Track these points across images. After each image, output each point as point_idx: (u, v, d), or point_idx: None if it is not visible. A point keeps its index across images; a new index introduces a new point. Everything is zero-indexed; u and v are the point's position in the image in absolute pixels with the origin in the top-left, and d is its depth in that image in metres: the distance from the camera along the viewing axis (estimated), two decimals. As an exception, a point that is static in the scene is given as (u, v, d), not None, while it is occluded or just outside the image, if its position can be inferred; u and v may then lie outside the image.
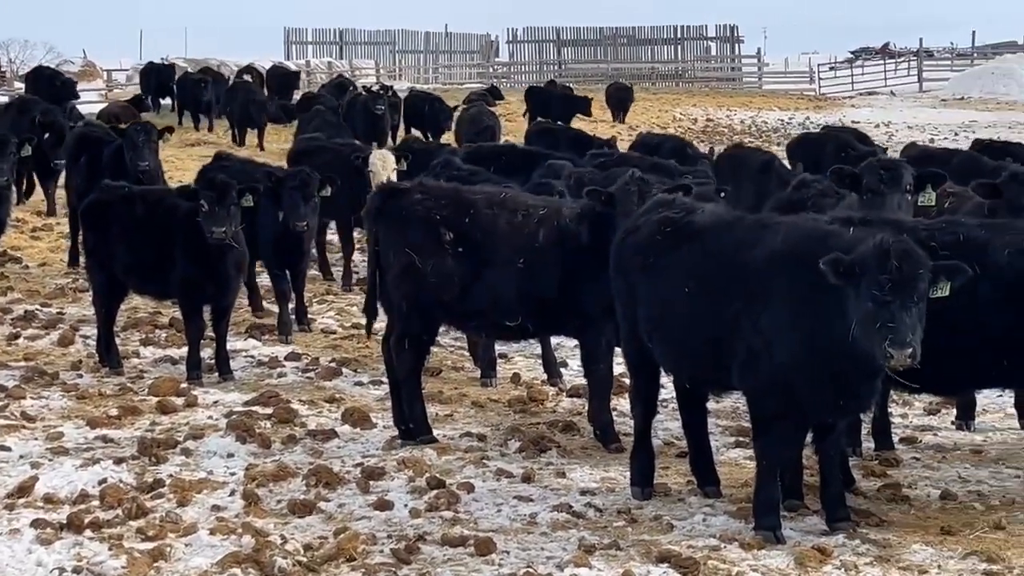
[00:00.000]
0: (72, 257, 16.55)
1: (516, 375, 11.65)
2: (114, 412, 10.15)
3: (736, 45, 74.81)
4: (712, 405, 10.21)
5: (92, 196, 12.19)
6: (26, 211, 20.58)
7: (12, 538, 7.43)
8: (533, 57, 75.37)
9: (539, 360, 11.75)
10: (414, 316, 9.37)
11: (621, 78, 49.53)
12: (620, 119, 41.55)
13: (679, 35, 74.77)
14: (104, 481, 8.38)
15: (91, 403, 10.56)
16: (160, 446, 9.14)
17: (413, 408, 9.49)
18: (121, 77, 53.60)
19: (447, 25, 76.92)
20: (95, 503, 8.05)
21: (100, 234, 11.77)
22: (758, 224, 7.85)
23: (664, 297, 7.91)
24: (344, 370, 11.71)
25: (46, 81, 33.72)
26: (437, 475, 8.50)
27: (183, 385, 10.97)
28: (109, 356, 11.74)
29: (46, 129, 18.92)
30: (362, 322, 13.61)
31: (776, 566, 7.06)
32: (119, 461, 8.83)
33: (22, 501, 8.08)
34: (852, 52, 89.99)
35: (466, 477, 8.58)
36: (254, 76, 41.38)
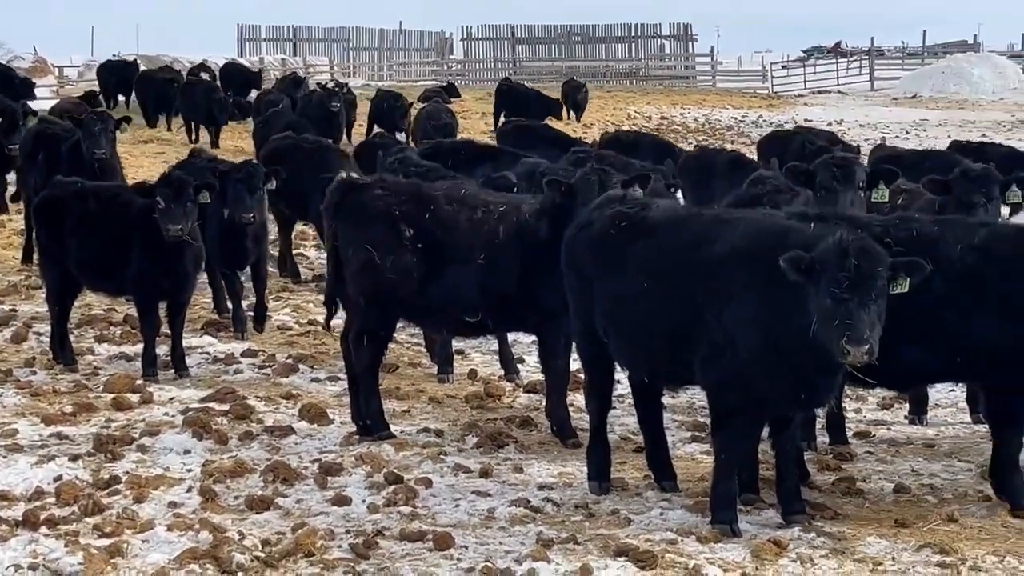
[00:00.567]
0: (26, 254, 16.43)
1: (473, 371, 11.67)
2: (69, 409, 10.09)
3: (690, 44, 75.22)
4: (669, 400, 10.28)
5: (45, 192, 12.12)
6: (-24, 209, 20.41)
7: (-33, 535, 7.39)
8: (488, 55, 75.43)
9: (496, 356, 11.77)
10: (372, 312, 9.37)
11: (576, 76, 49.58)
12: (577, 118, 41.65)
13: (633, 33, 75.08)
14: (60, 478, 8.34)
15: (45, 400, 10.50)
16: (116, 443, 9.10)
17: (370, 404, 9.49)
18: (72, 73, 53.20)
19: (401, 22, 77.03)
20: (51, 500, 8.00)
21: (53, 230, 11.68)
22: (715, 219, 7.89)
23: (621, 292, 7.92)
24: (301, 366, 11.69)
25: (2, 79, 33.31)
26: (395, 471, 8.51)
27: (139, 382, 10.91)
28: (63, 353, 11.66)
29: None
30: (319, 319, 13.66)
31: (733, 559, 7.11)
32: (75, 458, 8.79)
33: (-23, 499, 8.03)
34: (804, 51, 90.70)
35: (424, 472, 8.59)
36: (209, 74, 41.10)
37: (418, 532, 7.44)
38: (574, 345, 8.80)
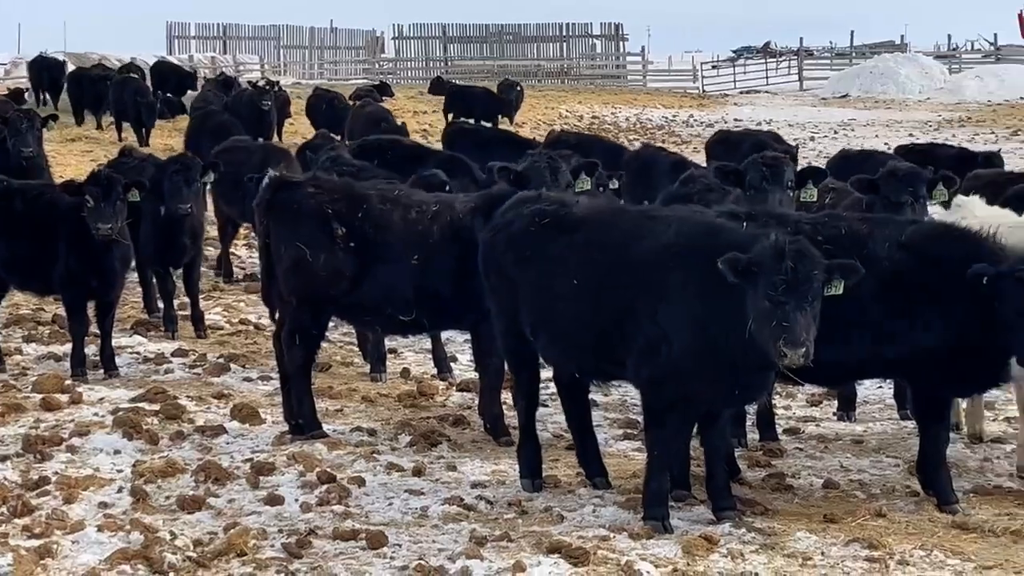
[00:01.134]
0: (-49, 254, 16.19)
1: (406, 370, 11.66)
2: (-3, 409, 9.98)
3: (620, 43, 75.45)
4: (601, 398, 10.35)
5: (-30, 192, 11.94)
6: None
7: None
8: (419, 53, 75.31)
9: (429, 355, 11.77)
10: (304, 311, 9.33)
11: (507, 75, 49.60)
12: (510, 118, 41.64)
13: (564, 33, 75.18)
14: (-12, 479, 8.26)
15: (-27, 401, 10.37)
16: (45, 443, 9.01)
17: (303, 403, 9.46)
18: (-1, 71, 52.56)
19: (332, 21, 76.59)
20: (-21, 501, 7.92)
21: (-22, 230, 11.54)
22: (644, 216, 7.93)
23: (547, 290, 7.89)
24: (232, 366, 11.63)
25: None
26: (328, 470, 8.49)
27: (68, 382, 10.80)
28: (-9, 353, 11.53)
29: None
30: (250, 318, 13.61)
31: (664, 555, 7.15)
32: (3, 459, 8.70)
33: (-97, 500, 7.92)
34: (734, 51, 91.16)
35: (357, 471, 8.57)
36: (139, 73, 40.67)
37: (351, 531, 7.43)
38: (499, 345, 8.76)
